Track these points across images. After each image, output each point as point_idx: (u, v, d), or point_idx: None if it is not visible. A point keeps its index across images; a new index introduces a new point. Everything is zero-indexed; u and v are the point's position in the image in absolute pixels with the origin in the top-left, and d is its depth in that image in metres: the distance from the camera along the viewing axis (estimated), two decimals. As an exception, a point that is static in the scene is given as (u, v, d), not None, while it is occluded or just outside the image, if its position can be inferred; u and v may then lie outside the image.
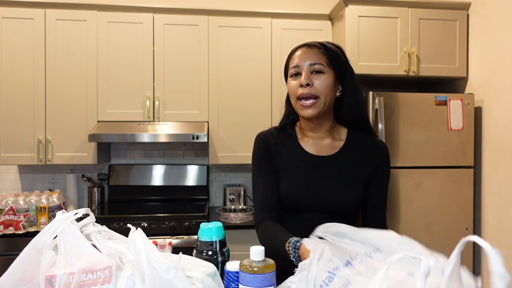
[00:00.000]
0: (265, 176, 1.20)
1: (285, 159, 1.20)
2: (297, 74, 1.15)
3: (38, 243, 0.75)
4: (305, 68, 1.13)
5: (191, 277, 0.75)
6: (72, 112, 2.63)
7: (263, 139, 1.23)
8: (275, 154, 1.21)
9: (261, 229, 1.18)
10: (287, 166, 1.19)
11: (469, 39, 2.64)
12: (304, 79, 1.11)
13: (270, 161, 1.20)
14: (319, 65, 1.13)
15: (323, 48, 1.15)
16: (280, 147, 1.21)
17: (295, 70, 1.15)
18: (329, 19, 2.82)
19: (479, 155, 2.54)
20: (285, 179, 1.17)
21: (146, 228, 2.39)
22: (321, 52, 1.14)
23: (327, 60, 1.14)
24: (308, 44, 1.16)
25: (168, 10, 2.69)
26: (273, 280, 0.86)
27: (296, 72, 1.15)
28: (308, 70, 1.13)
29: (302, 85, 1.12)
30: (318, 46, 1.15)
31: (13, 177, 2.91)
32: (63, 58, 2.62)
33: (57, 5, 2.61)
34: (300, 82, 1.12)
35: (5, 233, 2.31)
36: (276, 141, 1.22)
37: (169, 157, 3.07)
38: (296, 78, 1.15)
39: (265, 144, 1.22)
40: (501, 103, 2.35)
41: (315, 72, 1.13)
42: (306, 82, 1.11)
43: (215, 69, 2.74)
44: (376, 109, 2.37)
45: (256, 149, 1.24)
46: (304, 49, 1.16)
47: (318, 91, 1.12)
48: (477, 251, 2.53)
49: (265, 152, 1.21)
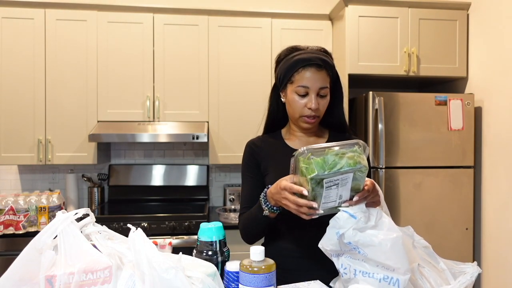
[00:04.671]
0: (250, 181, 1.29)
1: (273, 160, 1.26)
2: (304, 95, 1.19)
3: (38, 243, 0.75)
4: (314, 91, 1.18)
5: (191, 277, 0.75)
6: (72, 112, 2.63)
7: (251, 146, 1.31)
8: (264, 158, 1.28)
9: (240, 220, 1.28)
10: (276, 165, 1.24)
11: (469, 39, 2.64)
12: (314, 104, 1.18)
13: (256, 167, 1.28)
14: (325, 89, 1.20)
15: (329, 69, 1.20)
16: (268, 150, 1.29)
17: (304, 90, 1.19)
18: (329, 19, 2.82)
19: (479, 155, 2.54)
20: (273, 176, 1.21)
21: (146, 228, 2.39)
22: (327, 74, 1.20)
23: (330, 81, 1.22)
24: (318, 65, 1.18)
25: (168, 10, 2.69)
26: (273, 280, 0.86)
27: (303, 93, 1.19)
28: (316, 93, 1.19)
29: (311, 109, 1.18)
30: (325, 68, 1.19)
31: (13, 177, 2.91)
32: (63, 58, 2.62)
33: (57, 5, 2.61)
34: (310, 105, 1.18)
35: (5, 233, 2.31)
36: (264, 146, 1.30)
37: (169, 157, 3.07)
38: (303, 98, 1.19)
39: (252, 151, 1.30)
40: (501, 103, 2.35)
41: (321, 96, 1.20)
42: (316, 107, 1.18)
43: (215, 69, 2.74)
44: (376, 109, 2.37)
45: (244, 156, 1.32)
46: (314, 71, 1.18)
47: (321, 112, 1.22)
48: (477, 251, 2.53)
49: (250, 159, 1.29)
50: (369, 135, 2.41)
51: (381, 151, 2.37)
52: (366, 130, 2.43)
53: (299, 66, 1.18)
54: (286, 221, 1.19)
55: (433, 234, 2.44)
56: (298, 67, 1.19)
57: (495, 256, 2.39)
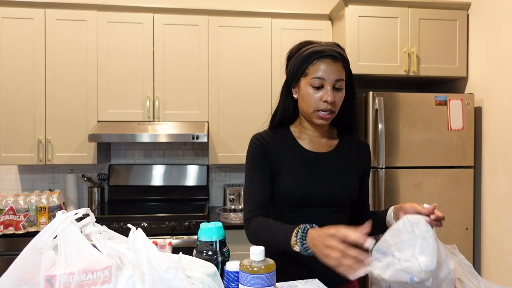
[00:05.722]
0: (260, 175, 1.19)
1: (285, 158, 1.20)
2: (319, 87, 1.14)
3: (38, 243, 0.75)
4: (329, 84, 1.13)
5: (191, 277, 0.75)
6: (72, 112, 2.63)
7: (260, 139, 1.22)
8: (274, 154, 1.20)
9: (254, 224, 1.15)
10: (289, 164, 1.19)
11: (469, 39, 2.64)
12: (330, 97, 1.12)
13: (267, 162, 1.20)
14: (341, 82, 1.15)
15: (345, 62, 1.16)
16: (279, 147, 1.21)
17: (319, 82, 1.14)
18: (329, 19, 2.82)
19: (479, 155, 2.54)
20: (288, 176, 1.17)
21: (146, 228, 2.39)
22: (343, 66, 1.16)
23: (345, 74, 1.17)
24: (333, 56, 1.14)
25: (168, 10, 2.69)
26: (273, 280, 0.86)
27: (319, 85, 1.14)
28: (332, 85, 1.14)
29: (328, 102, 1.13)
30: (341, 60, 1.15)
31: (13, 177, 2.91)
32: (63, 58, 2.62)
33: (57, 5, 2.61)
34: (326, 98, 1.13)
35: (5, 233, 2.31)
36: (273, 141, 1.22)
37: (169, 157, 3.07)
38: (318, 91, 1.14)
39: (262, 145, 1.21)
40: (501, 103, 2.35)
41: (337, 88, 1.15)
42: (333, 100, 1.13)
43: (215, 69, 2.74)
44: (376, 109, 2.37)
45: (252, 148, 1.22)
46: (330, 62, 1.14)
47: (337, 107, 1.17)
48: (477, 251, 2.53)
49: (261, 152, 1.20)
50: (369, 135, 2.41)
51: (381, 151, 2.37)
52: (366, 130, 2.43)
53: (314, 57, 1.14)
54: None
55: (433, 234, 2.43)
56: (313, 58, 1.14)
57: (495, 256, 2.39)
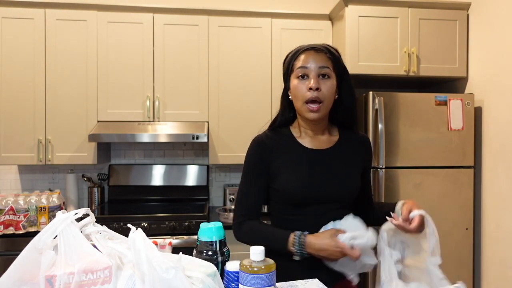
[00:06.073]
0: (255, 181, 1.21)
1: (285, 158, 1.19)
2: (304, 76, 1.15)
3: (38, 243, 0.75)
4: (313, 71, 1.14)
5: (191, 277, 0.75)
6: (72, 112, 2.63)
7: (260, 142, 1.22)
8: (274, 155, 1.20)
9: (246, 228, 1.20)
10: (289, 164, 1.19)
11: (469, 39, 2.64)
12: (314, 83, 1.12)
13: (264, 168, 1.20)
14: (326, 69, 1.15)
15: (329, 53, 1.17)
16: (279, 148, 1.21)
17: (303, 71, 1.15)
18: (329, 19, 2.82)
19: (479, 155, 2.54)
20: (289, 175, 1.17)
21: (146, 228, 2.39)
22: (327, 56, 1.16)
23: (332, 64, 1.16)
24: (315, 47, 1.17)
25: (168, 10, 2.69)
26: (273, 280, 0.86)
27: (303, 74, 1.15)
28: (316, 73, 1.14)
29: (312, 89, 1.12)
30: (324, 50, 1.16)
31: (13, 177, 2.91)
32: (63, 58, 2.62)
33: (57, 5, 2.61)
34: (310, 85, 1.12)
35: (5, 233, 2.31)
36: (274, 143, 1.22)
37: (169, 157, 3.07)
38: (303, 81, 1.15)
39: (262, 149, 1.21)
40: (501, 103, 2.35)
41: (322, 76, 1.14)
42: (316, 86, 1.12)
43: (215, 69, 2.74)
44: (376, 109, 2.37)
45: (251, 151, 1.23)
46: (311, 52, 1.16)
47: (325, 96, 1.14)
48: (477, 251, 2.53)
49: (260, 156, 1.20)
50: (369, 135, 2.40)
51: (381, 151, 2.37)
52: (366, 130, 2.43)
53: (298, 52, 1.18)
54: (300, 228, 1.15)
55: (433, 234, 2.43)
56: (297, 54, 1.18)
57: (495, 256, 2.39)
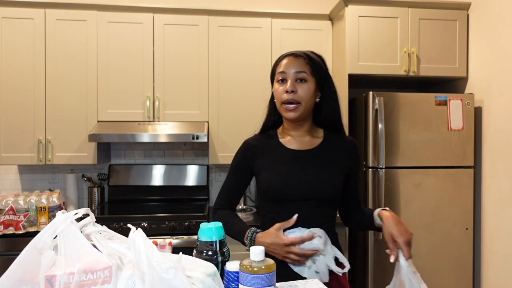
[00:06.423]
0: (238, 178, 1.37)
1: (269, 158, 1.31)
2: (283, 80, 1.25)
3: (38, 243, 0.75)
4: (291, 76, 1.24)
5: (191, 277, 0.75)
6: (72, 112, 2.63)
7: (246, 144, 1.37)
8: (259, 155, 1.33)
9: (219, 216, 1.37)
10: (271, 163, 1.30)
11: (469, 39, 2.64)
12: (289, 86, 1.22)
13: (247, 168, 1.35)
14: (303, 74, 1.24)
15: (308, 59, 1.26)
16: (264, 149, 1.33)
17: (282, 76, 1.25)
18: (329, 19, 2.82)
19: (479, 155, 2.54)
20: (270, 174, 1.28)
21: (146, 228, 2.39)
22: (305, 62, 1.25)
23: (310, 69, 1.25)
24: (294, 53, 1.27)
25: (168, 10, 2.69)
26: (273, 280, 0.86)
27: (282, 78, 1.26)
28: (294, 77, 1.24)
29: (288, 91, 1.23)
30: (303, 56, 1.26)
31: (13, 177, 2.91)
32: (63, 58, 2.62)
33: (57, 5, 2.61)
34: (286, 88, 1.23)
35: (5, 233, 2.31)
36: (259, 144, 1.34)
37: (169, 157, 3.07)
38: (282, 84, 1.26)
39: (247, 149, 1.35)
40: (501, 103, 2.35)
41: (299, 80, 1.24)
42: (291, 89, 1.22)
43: (215, 69, 2.74)
44: (376, 109, 2.37)
45: (238, 154, 1.38)
46: (291, 58, 1.26)
47: (301, 98, 1.23)
48: (477, 251, 2.53)
49: (244, 156, 1.35)
50: (369, 135, 2.41)
51: (381, 151, 2.37)
52: (366, 130, 2.43)
53: (279, 59, 1.29)
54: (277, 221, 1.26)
55: (433, 234, 2.44)
56: (279, 60, 1.29)
57: (495, 256, 2.39)
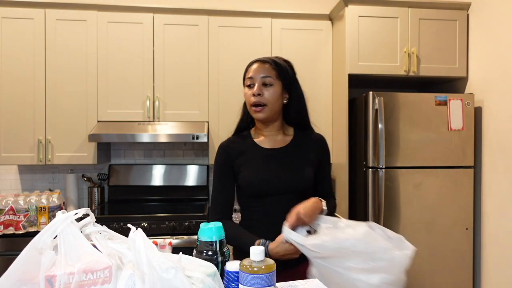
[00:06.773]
0: (223, 182, 1.43)
1: (245, 157, 1.41)
2: (251, 85, 1.37)
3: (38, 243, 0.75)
4: (258, 80, 1.36)
5: (191, 277, 0.75)
6: (72, 112, 2.63)
7: (224, 147, 1.45)
8: (236, 156, 1.42)
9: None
10: (248, 162, 1.40)
11: (469, 39, 2.64)
12: (256, 89, 1.35)
13: (229, 168, 1.42)
14: (269, 78, 1.36)
15: (274, 64, 1.38)
16: (240, 150, 1.43)
17: (250, 81, 1.38)
18: (329, 19, 2.82)
19: (479, 155, 2.54)
20: (248, 171, 1.38)
21: (146, 228, 2.39)
22: (272, 67, 1.37)
23: (276, 74, 1.37)
24: (262, 60, 1.39)
25: (168, 10, 2.69)
26: (273, 280, 0.86)
27: (250, 84, 1.38)
28: (260, 82, 1.35)
29: (254, 95, 1.35)
30: (270, 62, 1.37)
31: (13, 177, 2.91)
32: (63, 58, 2.62)
33: (57, 5, 2.61)
34: (253, 92, 1.35)
35: (5, 233, 2.31)
36: (235, 146, 1.44)
37: (169, 157, 3.07)
38: (250, 88, 1.38)
39: (225, 152, 1.43)
40: (501, 103, 2.35)
41: (266, 84, 1.35)
42: (258, 93, 1.34)
43: (215, 69, 2.74)
44: (376, 109, 2.37)
45: (217, 156, 1.45)
46: (258, 64, 1.38)
47: (267, 100, 1.35)
48: (477, 251, 2.53)
49: (223, 161, 1.43)
50: (369, 135, 2.41)
51: (381, 151, 2.37)
52: (366, 130, 2.43)
53: (249, 65, 1.41)
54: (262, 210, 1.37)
55: (433, 234, 2.44)
56: (248, 66, 1.41)
57: (495, 256, 2.39)
